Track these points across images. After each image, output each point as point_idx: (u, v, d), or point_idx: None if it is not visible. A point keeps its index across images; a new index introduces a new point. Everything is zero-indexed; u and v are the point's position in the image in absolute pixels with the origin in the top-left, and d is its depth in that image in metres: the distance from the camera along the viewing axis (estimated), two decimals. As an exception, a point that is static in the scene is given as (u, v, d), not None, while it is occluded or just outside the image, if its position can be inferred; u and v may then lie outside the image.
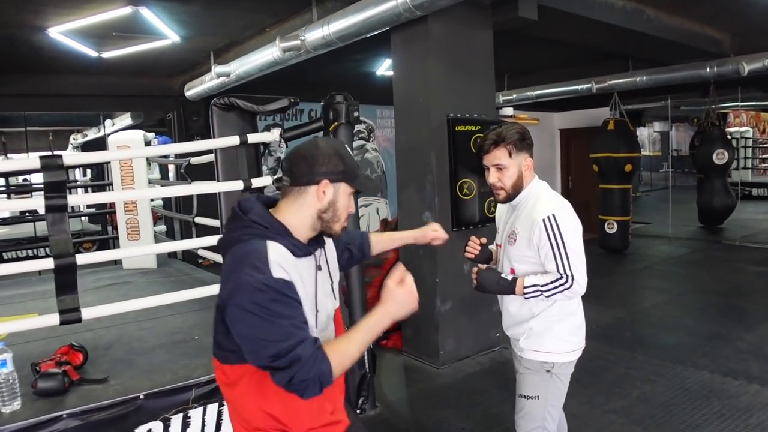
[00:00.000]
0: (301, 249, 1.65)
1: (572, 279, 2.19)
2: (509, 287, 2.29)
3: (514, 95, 9.77)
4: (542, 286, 2.22)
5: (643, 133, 17.94)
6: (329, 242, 1.88)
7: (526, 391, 2.41)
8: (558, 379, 2.37)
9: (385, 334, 5.09)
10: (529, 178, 2.37)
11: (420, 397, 4.15)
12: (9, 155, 10.44)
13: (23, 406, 2.75)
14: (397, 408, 4.00)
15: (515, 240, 2.36)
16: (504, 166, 2.32)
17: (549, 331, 2.33)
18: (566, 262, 2.19)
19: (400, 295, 1.67)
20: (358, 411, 3.71)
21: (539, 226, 2.22)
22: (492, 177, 2.37)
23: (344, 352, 1.58)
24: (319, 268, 1.75)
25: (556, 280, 2.21)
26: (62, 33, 5.63)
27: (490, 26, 4.89)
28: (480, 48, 4.85)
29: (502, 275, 2.34)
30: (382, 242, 2.27)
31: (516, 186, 2.35)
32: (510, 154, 2.31)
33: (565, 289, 2.20)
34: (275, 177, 3.78)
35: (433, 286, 4.58)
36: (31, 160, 3.22)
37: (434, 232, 2.29)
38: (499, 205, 2.57)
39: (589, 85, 8.73)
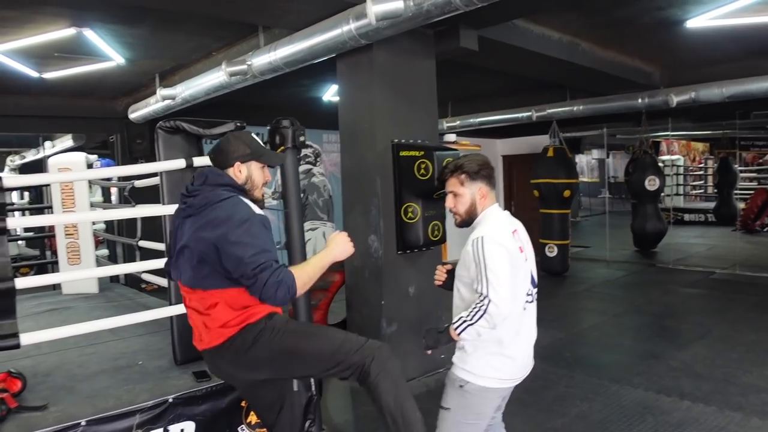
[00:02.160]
0: (259, 205, 2.35)
1: (488, 300, 2.23)
2: (447, 335, 2.36)
3: (458, 122, 10.01)
4: (467, 316, 2.28)
5: (582, 159, 18.61)
6: None
7: (443, 401, 2.52)
8: (471, 398, 2.42)
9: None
10: (485, 206, 2.48)
11: (366, 419, 4.17)
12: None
13: (-44, 436, 2.67)
14: (344, 430, 4.02)
15: (460, 260, 2.49)
16: (458, 193, 2.48)
17: (475, 352, 2.39)
18: (485, 283, 2.25)
19: (340, 240, 2.42)
20: (303, 434, 3.71)
21: (469, 248, 2.36)
22: (449, 202, 2.54)
23: (302, 269, 2.26)
24: None
25: (477, 305, 2.26)
26: (2, 52, 5.52)
27: (433, 56, 5.06)
28: (423, 76, 5.00)
29: (439, 329, 2.43)
30: None
31: (469, 212, 2.48)
32: (462, 183, 2.46)
33: (484, 311, 2.23)
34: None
35: (379, 308, 4.64)
36: (-32, 182, 3.14)
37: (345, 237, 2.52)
38: None
39: (530, 113, 9.04)
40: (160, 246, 4.24)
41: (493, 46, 5.38)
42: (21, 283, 3.04)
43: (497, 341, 2.38)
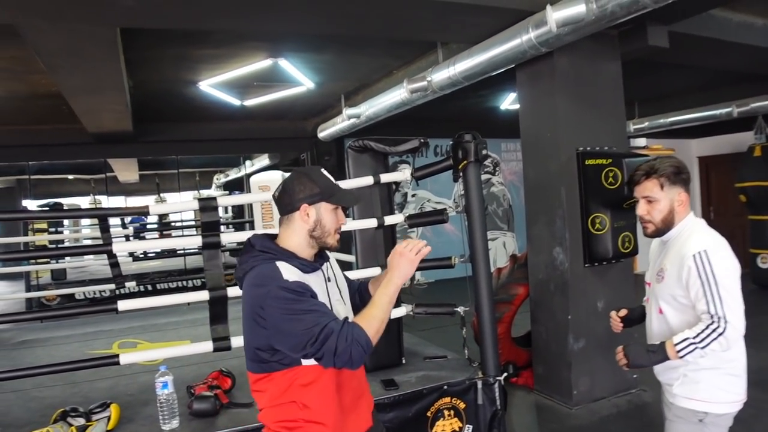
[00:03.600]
0: (309, 266, 1.92)
1: (725, 322, 2.01)
2: (661, 354, 2.13)
3: (647, 123, 9.36)
4: (694, 338, 2.04)
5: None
6: (333, 258, 2.16)
7: None
8: (714, 430, 2.20)
9: (516, 371, 5.03)
10: (683, 215, 2.25)
11: (553, 436, 4.07)
12: (161, 194, 11.48)
13: (181, 425, 3.01)
14: (529, 447, 3.94)
15: (663, 278, 2.25)
16: (654, 198, 2.23)
17: (706, 378, 2.16)
18: (718, 302, 2.02)
19: (397, 259, 1.92)
20: (489, 448, 3.69)
21: (689, 263, 2.09)
22: (641, 209, 2.28)
23: (370, 315, 1.82)
24: (328, 279, 2.02)
25: (708, 327, 2.03)
26: (211, 85, 6.20)
27: (618, 57, 4.80)
28: (608, 79, 4.77)
29: (649, 344, 2.24)
30: (374, 284, 2.24)
31: (666, 221, 2.25)
32: (662, 187, 2.22)
33: (719, 335, 2.00)
34: (408, 214, 3.92)
35: (565, 323, 4.49)
36: (190, 202, 3.57)
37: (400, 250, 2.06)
38: (653, 241, 2.46)
39: (730, 109, 8.19)
40: (351, 258, 4.47)
41: (685, 41, 4.97)
42: (233, 291, 3.37)
43: (730, 360, 2.16)
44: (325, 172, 2.02)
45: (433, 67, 5.26)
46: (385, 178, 3.80)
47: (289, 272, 1.82)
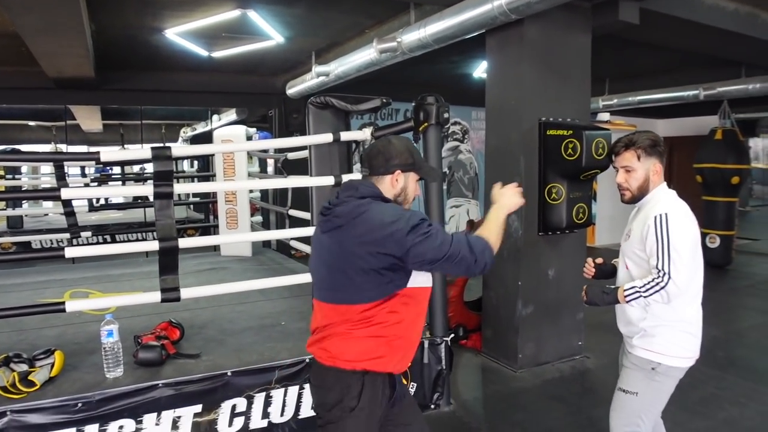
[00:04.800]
0: None
1: (669, 278, 2.23)
2: (613, 296, 2.41)
3: (615, 100, 9.46)
4: (640, 287, 2.30)
5: (758, 144, 16.83)
6: None
7: (627, 385, 2.51)
8: (661, 380, 2.43)
9: (466, 334, 5.12)
10: (657, 183, 2.47)
11: (495, 398, 4.16)
12: (126, 146, 11.25)
13: (125, 374, 3.03)
14: (472, 407, 4.03)
15: (629, 236, 2.50)
16: (632, 168, 2.46)
17: (662, 333, 2.39)
18: (666, 259, 2.25)
19: (509, 192, 2.23)
20: (432, 406, 3.77)
21: (650, 222, 2.32)
22: (620, 178, 2.52)
23: (488, 230, 2.05)
24: None
25: (653, 280, 2.27)
26: (177, 34, 6.04)
27: (589, 30, 4.80)
28: (577, 52, 4.78)
29: (606, 287, 2.47)
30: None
31: (641, 188, 2.47)
32: (639, 158, 2.45)
33: (661, 288, 2.25)
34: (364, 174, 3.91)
35: (516, 290, 4.57)
36: (143, 150, 3.52)
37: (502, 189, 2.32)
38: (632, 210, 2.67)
39: (697, 91, 8.32)
40: (307, 215, 4.48)
41: (656, 19, 4.99)
42: (184, 242, 3.36)
43: (682, 320, 2.39)
44: (414, 145, 2.20)
45: (404, 28, 5.20)
46: (344, 136, 3.79)
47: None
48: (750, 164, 9.40)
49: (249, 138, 6.34)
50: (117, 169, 10.67)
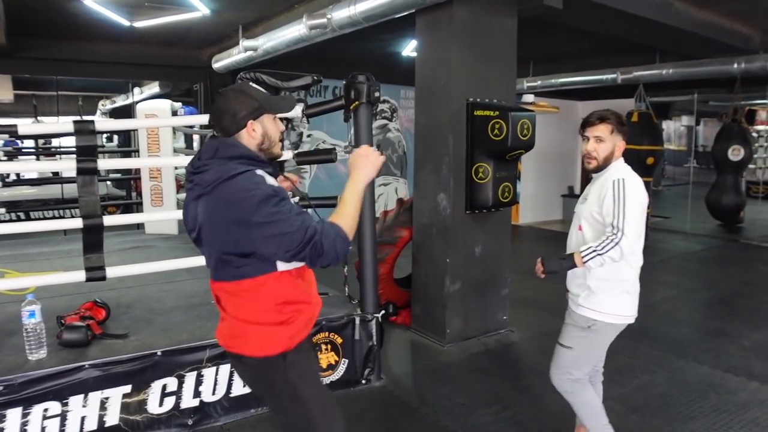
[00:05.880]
0: (273, 173, 1.98)
1: (622, 233, 2.44)
2: (570, 261, 2.60)
3: (539, 82, 9.75)
4: (596, 246, 2.50)
5: (670, 126, 17.72)
6: None
7: (564, 340, 2.80)
8: (594, 338, 2.70)
9: (395, 311, 5.22)
10: (617, 157, 2.71)
11: (424, 372, 4.28)
12: (40, 118, 10.68)
13: (48, 355, 2.94)
14: (402, 381, 4.13)
15: (587, 199, 2.73)
16: (603, 139, 2.68)
17: (604, 292, 2.64)
18: (621, 217, 2.46)
19: (361, 158, 2.03)
20: (363, 381, 3.85)
21: (608, 184, 2.56)
22: (590, 146, 2.72)
23: (344, 214, 1.92)
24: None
25: (608, 237, 2.48)
26: (96, 1, 5.77)
27: (515, 14, 4.92)
28: (503, 35, 4.89)
29: (560, 256, 2.68)
30: None
31: (606, 159, 2.69)
32: (611, 132, 2.68)
33: (616, 244, 2.44)
34: (296, 152, 3.90)
35: (444, 266, 4.69)
36: (64, 124, 3.37)
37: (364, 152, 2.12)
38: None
39: (614, 75, 8.69)
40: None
41: (578, 4, 5.16)
42: (108, 220, 3.26)
43: (623, 280, 2.65)
44: (254, 84, 2.05)
45: (334, 5, 5.17)
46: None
47: (269, 179, 1.89)
48: (663, 146, 9.92)
49: (174, 113, 6.17)
50: (28, 143, 10.12)
